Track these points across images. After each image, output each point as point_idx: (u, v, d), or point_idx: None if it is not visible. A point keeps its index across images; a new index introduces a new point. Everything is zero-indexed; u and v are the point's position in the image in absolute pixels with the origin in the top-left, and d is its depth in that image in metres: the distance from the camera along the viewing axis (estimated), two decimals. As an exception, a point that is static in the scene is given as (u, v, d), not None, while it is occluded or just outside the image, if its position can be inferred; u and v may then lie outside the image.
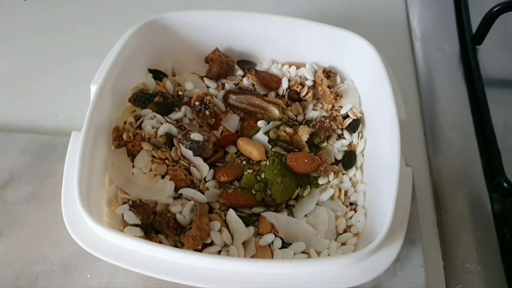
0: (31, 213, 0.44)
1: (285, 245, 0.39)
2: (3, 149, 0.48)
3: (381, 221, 0.37)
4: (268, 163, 0.42)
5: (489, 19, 0.55)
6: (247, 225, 0.39)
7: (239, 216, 0.40)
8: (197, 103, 0.45)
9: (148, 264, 0.34)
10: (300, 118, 0.48)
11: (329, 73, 0.48)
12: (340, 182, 0.44)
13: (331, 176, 0.43)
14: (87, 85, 0.43)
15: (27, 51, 0.58)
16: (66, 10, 0.63)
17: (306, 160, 0.42)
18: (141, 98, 0.44)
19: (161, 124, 0.43)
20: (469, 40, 0.56)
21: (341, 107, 0.47)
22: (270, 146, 0.44)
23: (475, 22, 0.57)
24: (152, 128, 0.43)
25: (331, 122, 0.46)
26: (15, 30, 0.61)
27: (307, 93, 0.48)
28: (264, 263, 0.34)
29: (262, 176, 0.42)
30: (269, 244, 0.39)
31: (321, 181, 0.43)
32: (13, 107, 0.53)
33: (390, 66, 0.45)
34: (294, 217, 0.41)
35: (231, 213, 0.39)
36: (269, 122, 0.45)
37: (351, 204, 0.43)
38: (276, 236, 0.39)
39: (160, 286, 0.40)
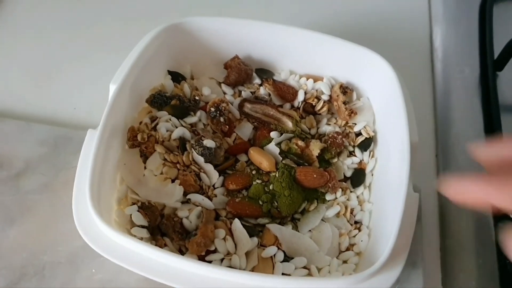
0: (43, 203, 0.45)
1: (287, 258, 0.40)
2: (21, 138, 0.49)
3: (383, 243, 0.38)
4: (277, 175, 0.43)
5: (512, 46, 0.54)
6: (251, 235, 0.40)
7: (244, 225, 0.40)
8: (212, 109, 0.46)
9: (151, 268, 0.35)
10: (313, 131, 0.48)
11: (345, 89, 0.48)
12: (347, 200, 0.44)
13: (339, 192, 0.44)
14: (106, 80, 0.44)
15: (51, 41, 0.59)
16: (91, 2, 0.64)
17: (315, 175, 0.43)
18: (158, 100, 0.45)
19: (176, 127, 0.44)
20: (490, 65, 0.56)
21: (355, 124, 0.47)
22: (281, 158, 0.44)
23: (498, 47, 0.57)
24: (167, 131, 0.44)
25: (344, 139, 0.46)
26: (39, 19, 0.62)
27: (322, 107, 0.48)
28: (265, 278, 0.34)
29: (270, 187, 0.43)
30: (271, 256, 0.39)
31: (328, 197, 0.44)
32: (33, 96, 0.54)
33: (408, 85, 0.45)
34: (298, 231, 0.42)
35: (237, 223, 0.40)
36: (282, 134, 0.46)
37: (356, 222, 0.43)
38: (278, 249, 0.40)
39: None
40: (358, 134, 0.47)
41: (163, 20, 0.48)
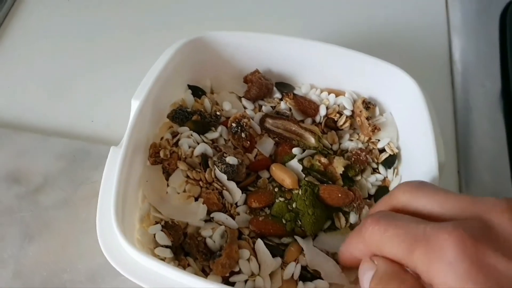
0: (62, 219, 0.45)
1: (308, 273, 0.39)
2: (38, 152, 0.48)
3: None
4: (300, 193, 0.42)
5: (535, 59, 0.54)
6: (274, 255, 0.39)
7: (267, 244, 0.40)
8: (234, 124, 0.45)
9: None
10: (335, 147, 0.47)
11: (368, 104, 0.47)
12: (371, 218, 0.43)
13: (364, 211, 0.43)
14: (124, 92, 0.43)
15: (68, 53, 0.59)
16: (109, 14, 0.63)
17: (339, 194, 0.42)
18: (179, 116, 0.44)
19: (198, 143, 0.44)
20: (512, 79, 0.55)
21: (378, 140, 0.47)
22: (304, 175, 0.43)
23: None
24: (189, 147, 0.43)
25: (367, 155, 0.45)
26: (56, 30, 0.61)
27: (344, 123, 0.47)
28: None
29: (294, 205, 0.42)
30: (296, 280, 0.39)
31: (352, 216, 0.43)
32: (50, 109, 0.54)
33: (430, 100, 0.44)
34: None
35: (260, 244, 0.39)
36: (304, 150, 0.45)
37: (380, 242, 0.43)
38: (302, 266, 0.39)
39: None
40: (382, 150, 0.46)
41: (181, 31, 0.48)
